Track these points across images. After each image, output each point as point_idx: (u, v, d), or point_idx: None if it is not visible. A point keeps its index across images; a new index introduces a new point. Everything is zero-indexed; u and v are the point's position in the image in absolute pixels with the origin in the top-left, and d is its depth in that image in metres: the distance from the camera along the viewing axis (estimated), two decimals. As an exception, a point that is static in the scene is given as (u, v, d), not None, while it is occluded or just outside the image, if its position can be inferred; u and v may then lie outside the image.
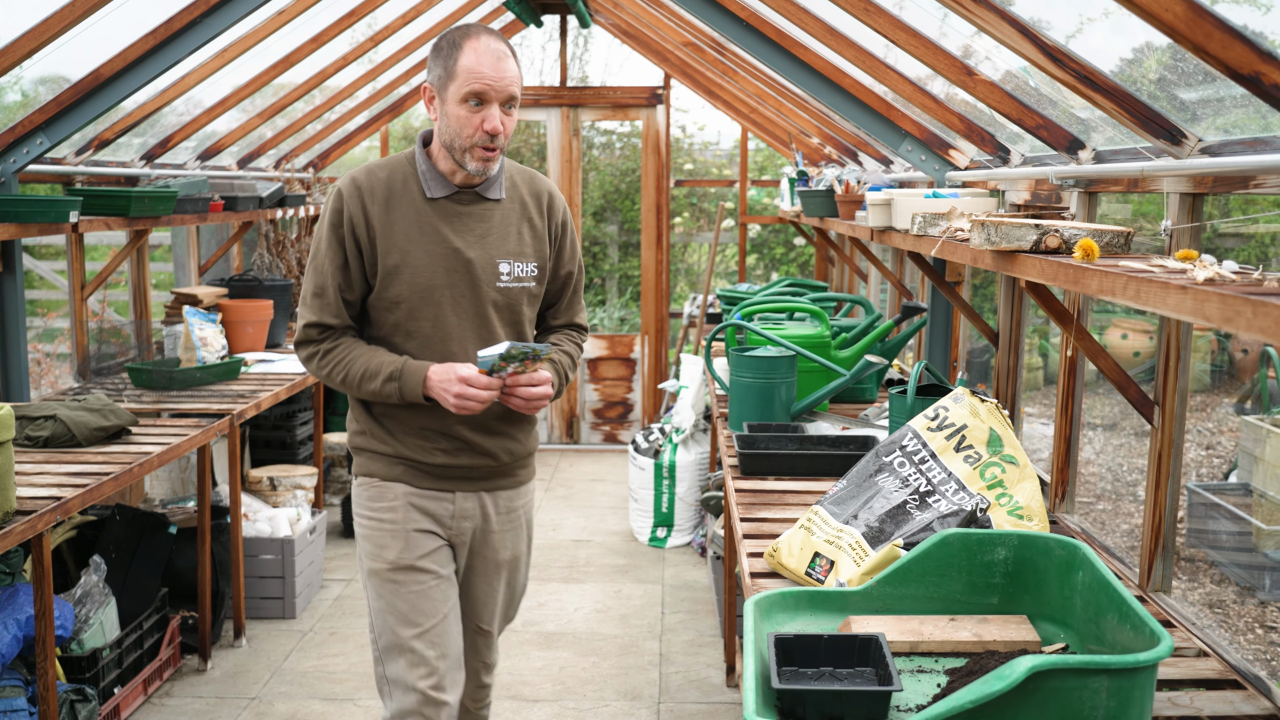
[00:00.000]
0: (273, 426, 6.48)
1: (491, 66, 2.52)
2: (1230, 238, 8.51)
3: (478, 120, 2.54)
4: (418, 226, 2.62)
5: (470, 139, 2.55)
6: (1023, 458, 2.64)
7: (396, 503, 2.71)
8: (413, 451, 2.70)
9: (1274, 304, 1.45)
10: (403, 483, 2.71)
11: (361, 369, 2.60)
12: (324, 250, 2.63)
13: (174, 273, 6.78)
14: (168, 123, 5.81)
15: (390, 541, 2.70)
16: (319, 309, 2.64)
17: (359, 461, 2.78)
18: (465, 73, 2.51)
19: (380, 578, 2.71)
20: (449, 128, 2.57)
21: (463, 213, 2.66)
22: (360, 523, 2.77)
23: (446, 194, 2.66)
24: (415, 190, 2.65)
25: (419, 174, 2.66)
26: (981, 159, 4.06)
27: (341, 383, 2.64)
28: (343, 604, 5.37)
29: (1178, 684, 2.20)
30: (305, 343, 2.68)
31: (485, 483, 2.78)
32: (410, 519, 2.71)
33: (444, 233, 2.63)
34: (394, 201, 2.63)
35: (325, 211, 2.65)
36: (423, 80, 2.61)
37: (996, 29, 2.65)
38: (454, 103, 2.54)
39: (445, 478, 2.73)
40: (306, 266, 2.69)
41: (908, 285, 5.55)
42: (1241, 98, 2.27)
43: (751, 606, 2.14)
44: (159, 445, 3.99)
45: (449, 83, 2.54)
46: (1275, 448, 5.45)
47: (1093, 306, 3.24)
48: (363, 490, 2.76)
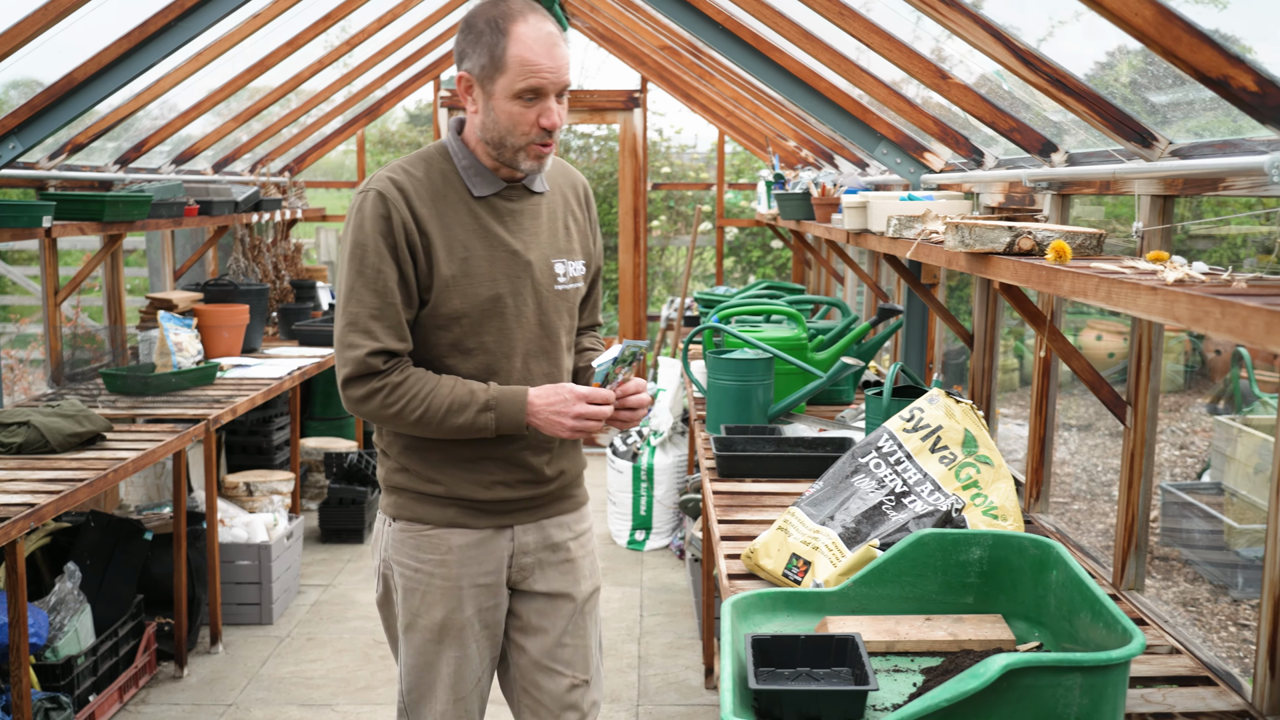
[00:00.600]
0: (249, 432, 6.45)
1: (547, 55, 2.19)
2: (1202, 239, 8.59)
3: (533, 115, 2.21)
4: (472, 230, 2.28)
5: (525, 137, 2.23)
6: (997, 458, 2.66)
7: (450, 556, 2.36)
8: (468, 489, 2.35)
9: (1241, 304, 1.47)
10: (456, 527, 2.36)
11: (446, 402, 2.22)
12: (374, 262, 2.21)
13: (149, 278, 6.75)
14: (142, 127, 5.78)
15: (440, 600, 2.37)
16: (383, 332, 2.22)
17: (399, 502, 2.39)
18: (519, 65, 2.17)
19: (421, 635, 2.40)
20: (497, 124, 2.24)
21: (514, 210, 2.34)
22: (403, 573, 2.40)
23: (494, 190, 2.32)
24: (459, 189, 2.30)
25: (460, 170, 2.31)
26: (956, 162, 4.08)
27: (416, 421, 2.23)
28: (320, 609, 5.35)
29: (1151, 681, 2.22)
30: (366, 376, 2.23)
31: (545, 510, 2.46)
32: (466, 574, 2.37)
33: (500, 234, 2.31)
34: (441, 204, 2.27)
35: (363, 219, 2.23)
36: (459, 72, 2.26)
37: (969, 32, 2.67)
38: (504, 98, 2.20)
39: (503, 513, 2.40)
40: (346, 288, 2.25)
41: (884, 287, 5.57)
42: (1211, 101, 2.29)
43: (729, 608, 2.15)
44: (134, 451, 3.97)
45: (497, 75, 2.19)
46: (1246, 447, 5.50)
47: (1066, 308, 3.27)
48: (407, 537, 2.39)
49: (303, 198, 8.20)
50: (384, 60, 7.44)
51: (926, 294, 4.07)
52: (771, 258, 10.01)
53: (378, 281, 2.22)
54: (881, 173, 5.07)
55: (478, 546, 2.38)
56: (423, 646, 2.40)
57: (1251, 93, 1.90)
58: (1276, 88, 1.89)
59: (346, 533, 6.37)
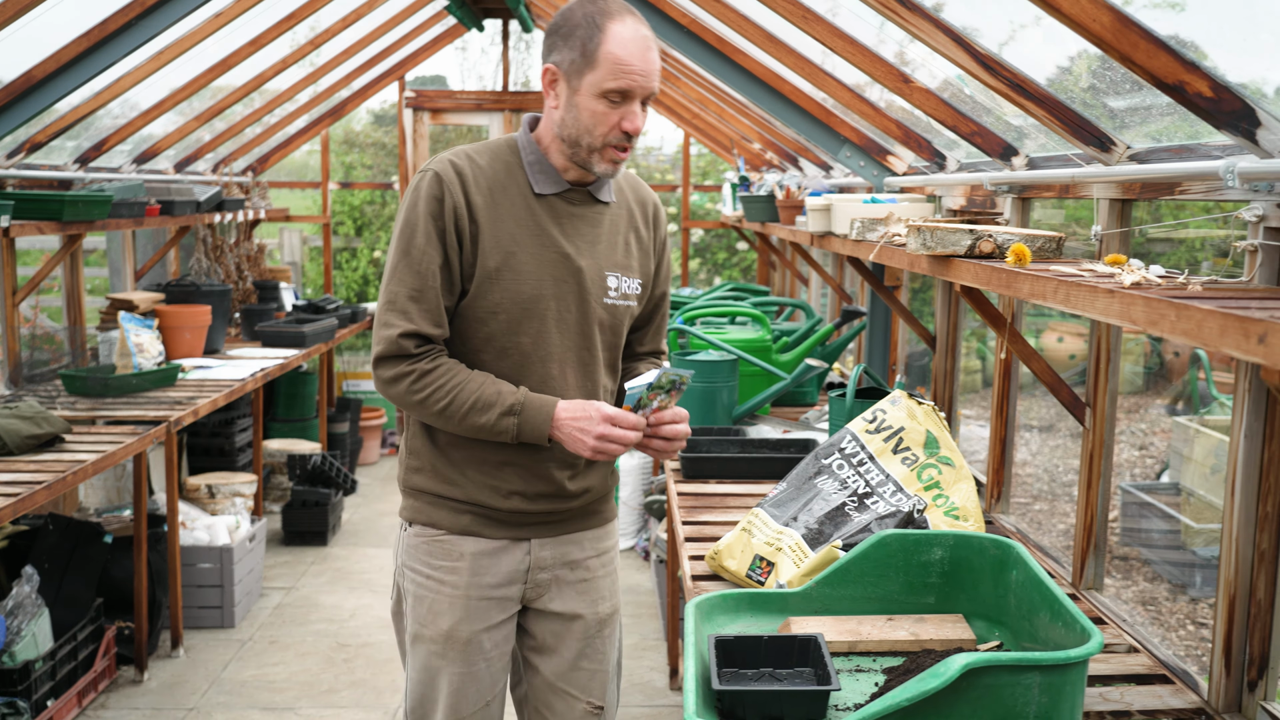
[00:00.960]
0: (211, 433, 6.40)
1: (640, 58, 2.13)
2: (1161, 242, 8.69)
3: (616, 118, 2.15)
4: (525, 225, 2.21)
5: (604, 137, 2.16)
6: (959, 459, 2.68)
7: (462, 564, 2.28)
8: (485, 495, 2.26)
9: (1196, 308, 1.49)
10: (471, 535, 2.28)
11: (471, 398, 2.15)
12: (421, 244, 2.16)
13: (109, 278, 6.69)
14: (103, 125, 5.72)
15: (447, 609, 2.28)
16: (419, 315, 2.16)
17: (415, 506, 2.33)
18: (611, 63, 2.11)
19: (427, 647, 2.31)
20: (577, 121, 2.16)
21: (574, 214, 2.27)
22: (414, 580, 2.33)
23: (556, 190, 2.25)
24: (521, 183, 2.24)
25: (525, 165, 2.25)
26: (919, 165, 4.11)
27: (439, 412, 2.17)
28: (283, 612, 5.32)
29: (1109, 679, 2.24)
30: (396, 358, 2.17)
31: (565, 525, 2.36)
32: (477, 584, 2.29)
33: (553, 235, 2.23)
34: (498, 194, 2.21)
35: (418, 199, 2.18)
36: (544, 62, 2.19)
37: (931, 37, 2.70)
38: (590, 95, 2.13)
39: (520, 524, 2.31)
40: (390, 266, 2.20)
41: (848, 290, 5.60)
42: (1168, 106, 2.32)
43: (692, 609, 2.16)
44: (94, 453, 3.93)
45: (586, 71, 2.13)
46: (1203, 447, 5.57)
47: (1027, 310, 3.30)
48: (420, 542, 2.31)
49: (266, 198, 8.15)
50: (348, 60, 7.41)
51: (889, 296, 4.10)
52: (737, 260, 10.04)
53: (421, 263, 2.16)
54: (845, 175, 5.10)
55: (491, 556, 2.29)
56: (427, 660, 2.31)
57: (1207, 98, 1.93)
58: (1231, 93, 1.92)
59: (310, 535, 6.34)
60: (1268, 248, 1.97)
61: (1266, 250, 1.98)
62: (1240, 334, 1.37)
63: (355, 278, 9.85)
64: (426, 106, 8.59)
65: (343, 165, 10.20)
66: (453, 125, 9.16)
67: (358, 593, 5.60)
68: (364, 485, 7.70)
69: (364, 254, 9.86)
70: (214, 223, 7.00)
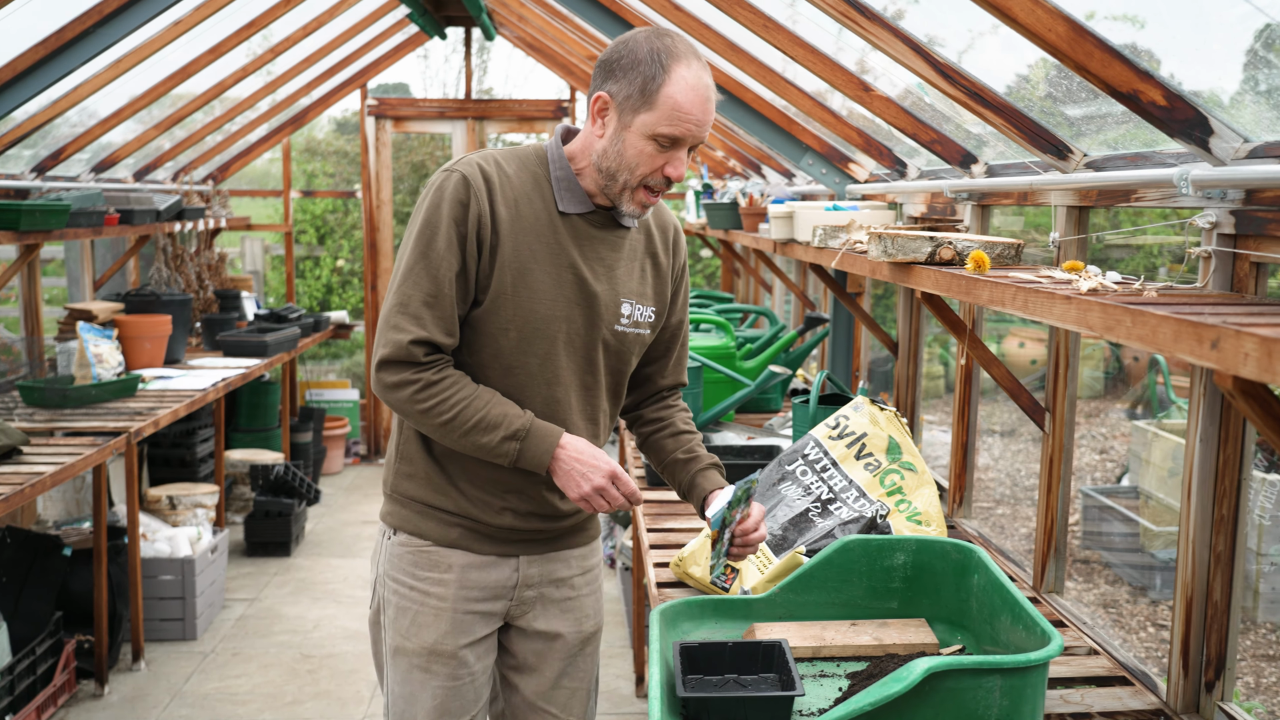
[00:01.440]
0: (172, 444, 6.35)
1: (700, 107, 2.05)
2: (1121, 248, 8.80)
3: (661, 161, 2.08)
4: (545, 242, 2.13)
5: (643, 178, 2.09)
6: (921, 465, 2.70)
7: (449, 576, 2.21)
8: (477, 509, 2.20)
9: (1151, 313, 1.51)
10: (459, 548, 2.22)
11: (476, 416, 2.07)
12: (440, 248, 2.06)
13: (68, 288, 6.62)
14: (60, 134, 5.67)
15: (432, 622, 2.22)
16: (432, 323, 2.07)
17: (402, 514, 2.25)
18: (670, 108, 2.03)
19: (408, 659, 2.24)
20: (620, 156, 2.08)
21: (595, 237, 2.18)
22: (397, 590, 2.26)
23: (580, 211, 2.16)
24: (547, 198, 2.15)
25: (552, 179, 2.16)
26: (880, 172, 4.14)
27: (441, 425, 2.08)
28: (246, 624, 5.27)
29: (1070, 682, 2.27)
30: (403, 364, 2.08)
31: (553, 544, 2.31)
32: (463, 598, 2.22)
33: (572, 255, 2.15)
34: (523, 206, 2.12)
35: (441, 199, 2.08)
36: (597, 87, 2.09)
37: (890, 46, 2.72)
38: (640, 134, 2.05)
39: (510, 541, 2.25)
40: (406, 266, 2.09)
41: (811, 296, 5.63)
42: (1123, 114, 2.35)
43: (657, 616, 2.16)
44: (52, 465, 3.89)
45: (642, 110, 2.04)
46: (1161, 451, 5.64)
47: (988, 316, 3.33)
48: (405, 552, 2.24)
49: (227, 206, 8.10)
50: (309, 68, 7.38)
51: (852, 303, 4.12)
52: (701, 267, 10.06)
53: (439, 268, 2.06)
54: (808, 183, 5.13)
55: (479, 570, 2.23)
56: (408, 673, 2.24)
57: (1160, 107, 1.95)
58: (1185, 102, 1.95)
59: (273, 545, 6.29)
60: (1221, 254, 2.00)
61: (1220, 256, 2.01)
62: (1194, 339, 1.39)
63: (318, 286, 9.80)
64: (389, 114, 8.57)
65: (304, 174, 10.15)
66: (415, 133, 9.13)
67: (321, 603, 5.57)
68: (328, 495, 7.66)
69: (327, 262, 9.81)
70: (174, 232, 6.94)
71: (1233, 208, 1.97)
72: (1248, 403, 1.44)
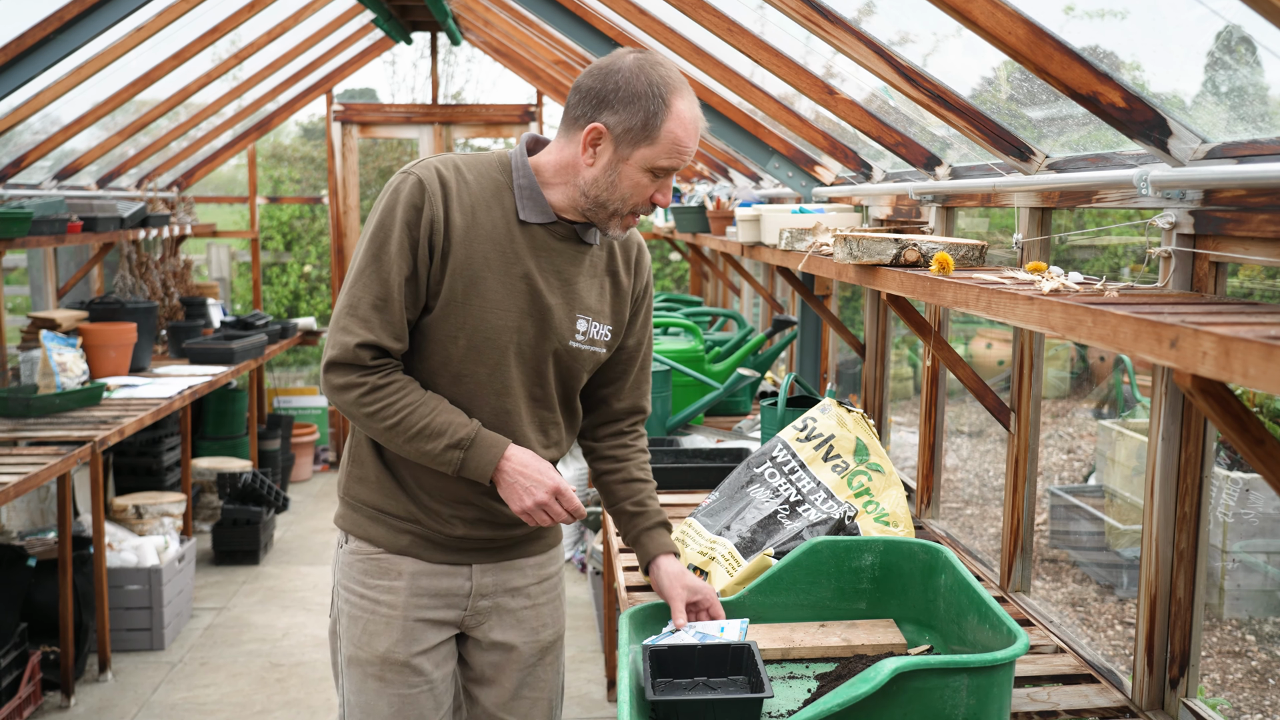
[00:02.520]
0: (138, 453, 6.29)
1: (694, 138, 2.08)
2: (1085, 249, 8.87)
3: (652, 190, 2.09)
4: (500, 250, 2.10)
5: (631, 205, 2.09)
6: (888, 465, 2.71)
7: (399, 584, 2.18)
8: (427, 515, 2.17)
9: (1111, 313, 1.52)
10: (410, 556, 2.18)
11: (421, 423, 2.05)
12: (392, 251, 2.04)
13: (30, 296, 6.56)
14: (22, 141, 5.61)
15: (383, 630, 2.18)
16: (379, 326, 2.04)
17: (353, 518, 2.22)
18: (671, 142, 2.04)
19: (362, 670, 2.20)
20: (611, 185, 2.07)
21: (554, 249, 2.15)
22: (348, 599, 2.23)
23: (541, 221, 2.13)
24: (507, 206, 2.12)
25: (515, 187, 2.13)
26: (846, 175, 4.16)
27: (386, 429, 2.06)
28: (214, 633, 5.24)
29: (1037, 680, 2.28)
30: (350, 367, 2.06)
31: (507, 552, 2.27)
32: (414, 605, 2.19)
33: (527, 265, 2.11)
34: (479, 213, 2.09)
35: (396, 203, 2.05)
36: (590, 117, 2.05)
37: (853, 49, 2.73)
38: (638, 167, 2.05)
39: (461, 550, 2.22)
40: (358, 268, 2.08)
41: (779, 299, 5.65)
42: (1084, 116, 2.37)
43: (626, 620, 2.16)
44: (15, 475, 3.84)
45: (642, 144, 2.03)
46: (1127, 449, 5.69)
47: (954, 317, 3.35)
48: (356, 560, 2.22)
49: (192, 213, 8.04)
50: (275, 73, 7.34)
51: (819, 305, 4.14)
52: (670, 270, 10.08)
53: (390, 272, 2.04)
54: (774, 186, 5.14)
55: (430, 578, 2.20)
56: (362, 683, 2.21)
57: (1120, 108, 1.97)
58: (1144, 103, 1.97)
59: (241, 554, 6.25)
60: (1180, 254, 2.03)
61: (1179, 256, 2.03)
62: (1153, 339, 1.41)
63: (285, 293, 9.75)
64: (355, 120, 8.54)
65: (271, 179, 10.10)
66: (382, 138, 9.10)
67: (290, 611, 5.53)
68: (296, 502, 7.61)
69: (294, 269, 9.76)
70: (139, 239, 6.89)
71: (1192, 208, 1.99)
72: (1206, 401, 1.45)
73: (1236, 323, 1.37)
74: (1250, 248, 1.89)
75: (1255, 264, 1.95)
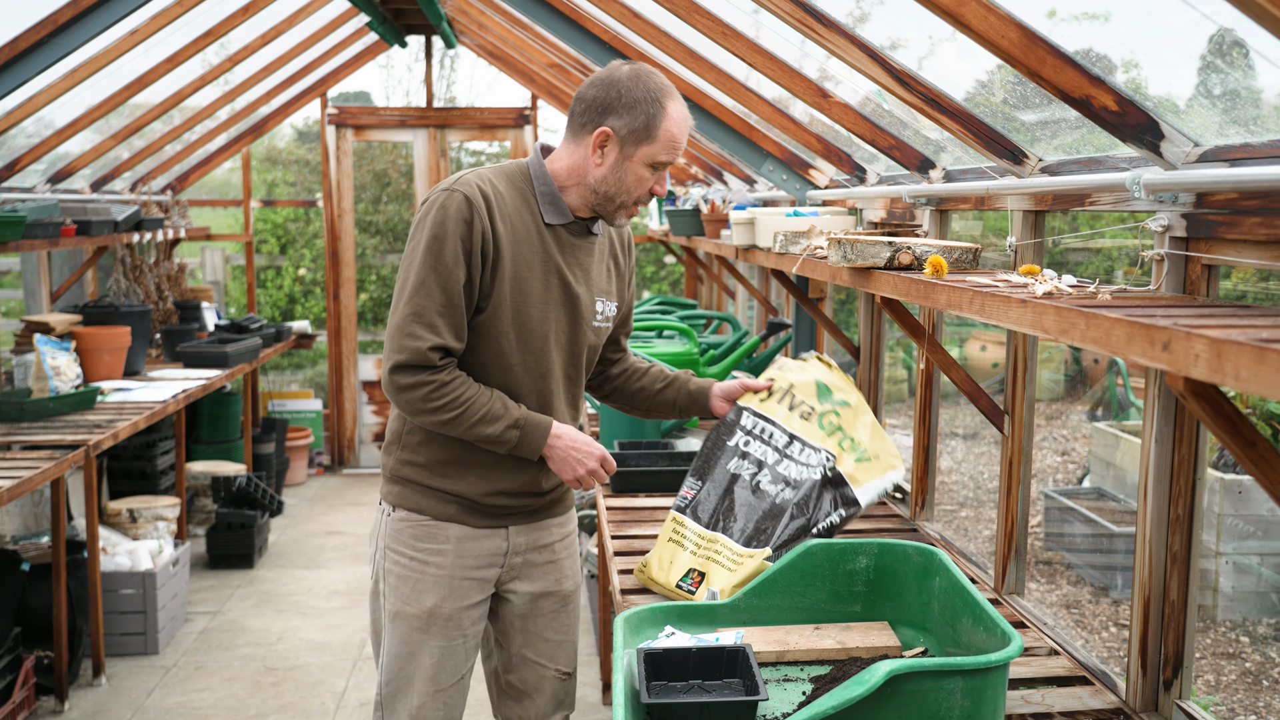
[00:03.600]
0: (132, 457, 6.28)
1: (685, 135, 2.40)
2: (1079, 251, 8.88)
3: (651, 183, 2.40)
4: (536, 253, 2.40)
5: (635, 197, 2.41)
6: (854, 396, 2.70)
7: (447, 546, 2.47)
8: (471, 491, 2.46)
9: (1104, 316, 1.52)
10: (456, 522, 2.47)
11: (482, 410, 2.34)
12: (449, 262, 2.30)
13: (24, 300, 6.54)
14: (16, 144, 5.61)
15: (432, 588, 2.46)
16: (446, 329, 2.31)
17: (401, 493, 2.49)
18: (668, 140, 2.36)
19: (408, 623, 2.48)
20: (619, 181, 2.38)
21: (574, 244, 2.47)
22: (397, 560, 2.49)
23: (562, 222, 2.44)
24: (534, 211, 2.42)
25: (537, 195, 2.44)
26: (840, 178, 4.17)
27: (450, 420, 2.34)
28: (208, 637, 5.23)
29: (1031, 682, 2.28)
30: (421, 368, 2.31)
31: (537, 515, 2.57)
32: (460, 565, 2.48)
33: (559, 263, 2.43)
34: (517, 221, 2.39)
35: (446, 217, 2.30)
36: (597, 123, 2.35)
37: (847, 53, 2.74)
38: (641, 164, 2.36)
39: (501, 515, 2.51)
40: (417, 279, 2.31)
41: (773, 302, 5.65)
42: (1077, 119, 2.38)
43: (621, 623, 2.16)
44: (9, 479, 3.84)
45: (644, 143, 2.35)
46: (1126, 452, 5.70)
47: (949, 320, 3.35)
48: (405, 526, 2.49)
49: (186, 216, 8.03)
50: (269, 77, 7.34)
51: (814, 308, 4.14)
52: (665, 273, 10.08)
53: (450, 279, 2.31)
54: (769, 189, 5.15)
55: (474, 541, 2.48)
56: (408, 635, 2.48)
57: (1112, 112, 1.98)
58: (1136, 107, 1.97)
59: (235, 558, 6.24)
60: (1173, 256, 2.03)
61: (1172, 259, 2.03)
62: (1146, 341, 1.41)
63: (280, 296, 9.73)
64: (350, 123, 8.53)
65: (265, 183, 10.09)
66: (377, 142, 9.10)
67: (285, 615, 5.53)
68: (291, 506, 7.60)
69: (289, 272, 9.75)
70: (133, 242, 6.88)
71: (1184, 211, 2.00)
72: (1199, 404, 1.46)
73: (1229, 325, 1.38)
74: (1242, 251, 1.89)
75: (1247, 267, 1.95)
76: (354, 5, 6.44)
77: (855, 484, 2.60)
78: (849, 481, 2.60)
